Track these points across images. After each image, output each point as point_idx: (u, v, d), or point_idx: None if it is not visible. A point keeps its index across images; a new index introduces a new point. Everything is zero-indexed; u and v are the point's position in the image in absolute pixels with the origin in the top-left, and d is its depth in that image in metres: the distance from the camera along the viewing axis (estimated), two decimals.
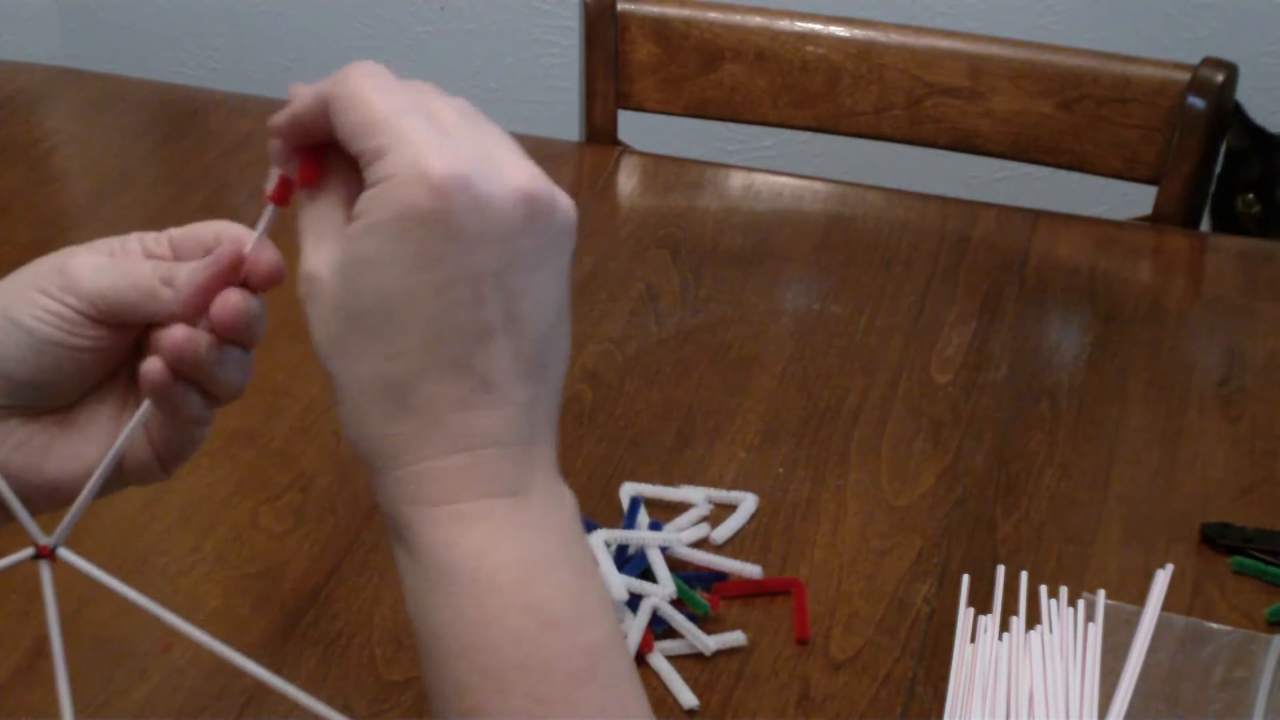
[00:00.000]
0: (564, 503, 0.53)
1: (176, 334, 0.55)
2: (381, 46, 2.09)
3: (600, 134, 1.33)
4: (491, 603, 0.49)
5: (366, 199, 0.50)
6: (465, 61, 2.06)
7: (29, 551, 0.54)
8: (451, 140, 0.50)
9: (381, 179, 0.49)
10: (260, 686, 0.79)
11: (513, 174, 0.51)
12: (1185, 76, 1.19)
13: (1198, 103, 1.19)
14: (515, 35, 2.03)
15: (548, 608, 0.50)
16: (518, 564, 0.50)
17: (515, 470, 0.51)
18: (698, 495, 0.91)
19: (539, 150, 1.46)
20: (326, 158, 0.54)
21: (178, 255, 0.58)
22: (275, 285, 0.56)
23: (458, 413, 0.50)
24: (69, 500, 0.56)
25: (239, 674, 0.80)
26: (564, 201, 0.53)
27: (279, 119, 0.54)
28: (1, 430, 0.57)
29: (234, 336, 0.56)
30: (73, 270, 0.56)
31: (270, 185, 0.55)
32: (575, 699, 0.49)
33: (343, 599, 0.85)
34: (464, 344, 0.50)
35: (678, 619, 0.82)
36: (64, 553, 0.55)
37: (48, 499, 0.58)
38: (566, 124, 1.41)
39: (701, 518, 0.90)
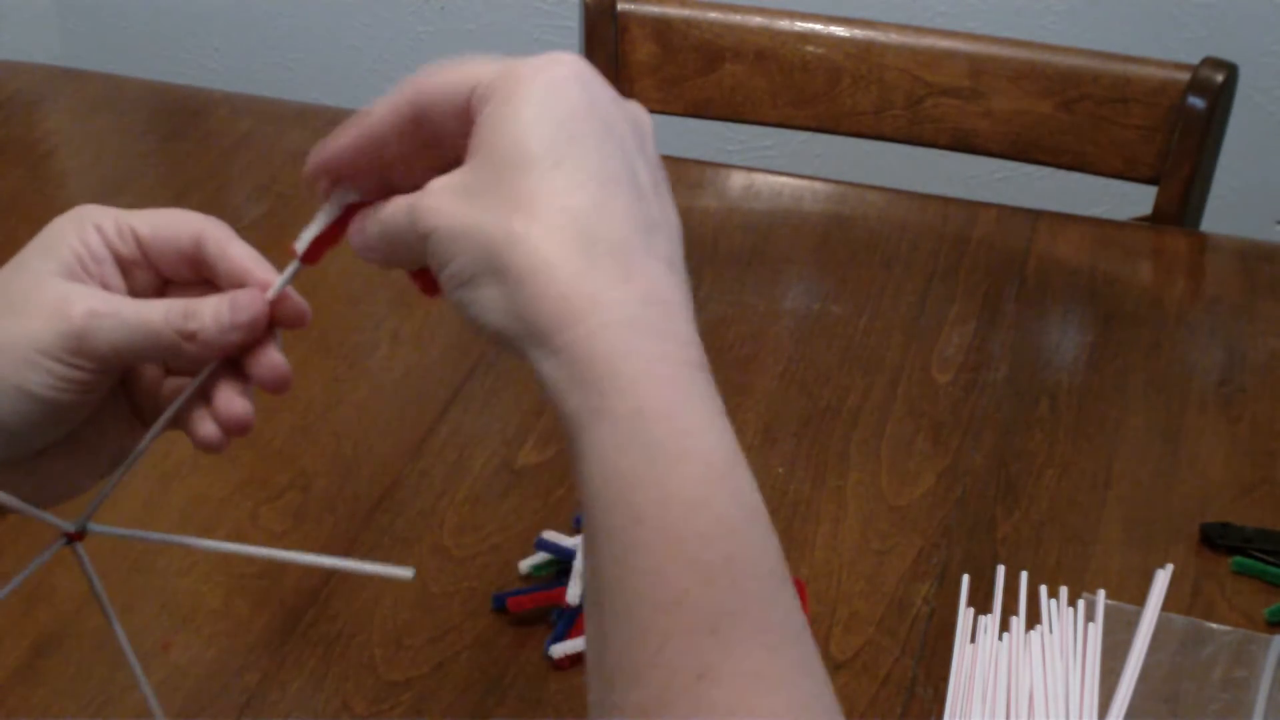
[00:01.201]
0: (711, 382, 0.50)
1: (241, 412, 0.55)
2: (381, 46, 2.09)
3: None
4: (704, 486, 0.46)
5: (507, 91, 0.49)
6: None
7: (61, 541, 0.55)
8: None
9: (517, 76, 0.49)
10: (261, 686, 0.80)
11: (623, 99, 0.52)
12: (1185, 76, 1.19)
13: (1198, 103, 1.19)
14: (515, 35, 2.03)
15: (750, 500, 0.47)
16: (725, 448, 0.47)
17: (696, 338, 0.49)
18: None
19: None
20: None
21: (151, 259, 0.56)
22: (299, 328, 0.56)
23: (646, 259, 0.48)
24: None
25: (239, 674, 0.80)
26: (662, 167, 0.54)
27: (333, 151, 0.53)
28: (18, 473, 0.56)
29: (265, 388, 0.56)
30: (82, 331, 0.53)
31: (301, 244, 0.55)
32: (775, 598, 0.46)
33: (343, 599, 0.85)
34: (631, 189, 0.49)
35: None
36: (93, 526, 0.55)
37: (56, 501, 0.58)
38: None
39: None
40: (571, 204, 0.48)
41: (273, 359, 0.56)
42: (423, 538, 0.89)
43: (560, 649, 0.81)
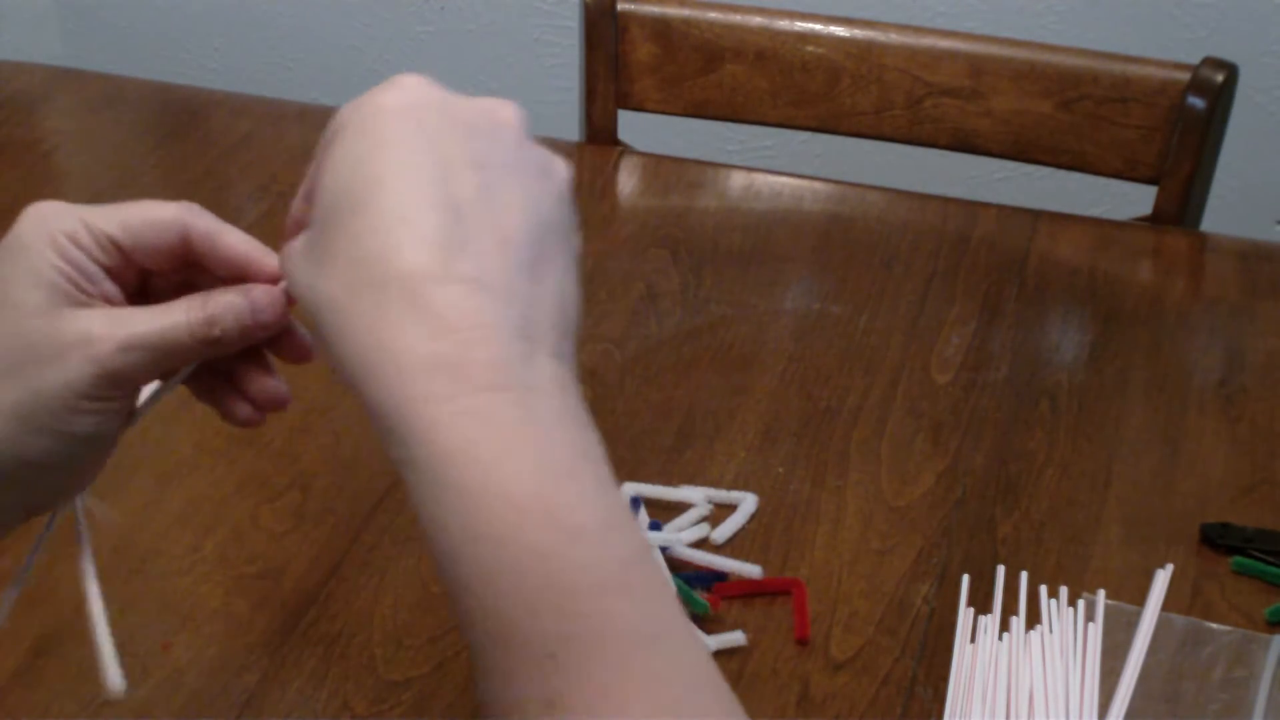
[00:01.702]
0: (581, 409, 0.48)
1: (279, 392, 0.57)
2: (381, 46, 2.09)
3: (600, 134, 1.33)
4: (508, 517, 0.45)
5: (330, 139, 0.50)
6: (465, 61, 2.06)
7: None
8: (404, 80, 0.52)
9: (335, 122, 0.50)
10: (261, 686, 0.80)
11: (483, 100, 0.51)
12: (1185, 76, 1.19)
13: (1198, 103, 1.19)
14: (515, 35, 2.03)
15: (571, 519, 0.45)
16: (534, 469, 0.45)
17: (513, 358, 0.46)
18: (698, 495, 0.91)
19: None
20: None
21: (135, 261, 0.55)
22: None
23: (438, 285, 0.46)
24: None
25: (239, 674, 0.80)
26: (549, 155, 0.52)
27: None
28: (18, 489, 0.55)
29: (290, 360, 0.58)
30: (116, 368, 0.52)
31: None
32: (609, 613, 0.45)
33: (343, 599, 0.85)
34: (438, 216, 0.47)
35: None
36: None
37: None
38: (566, 124, 1.41)
39: (701, 518, 0.90)
40: (364, 251, 0.47)
41: (294, 337, 0.56)
42: (423, 538, 0.89)
43: None
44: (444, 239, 0.47)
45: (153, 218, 0.55)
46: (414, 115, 0.49)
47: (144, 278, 0.56)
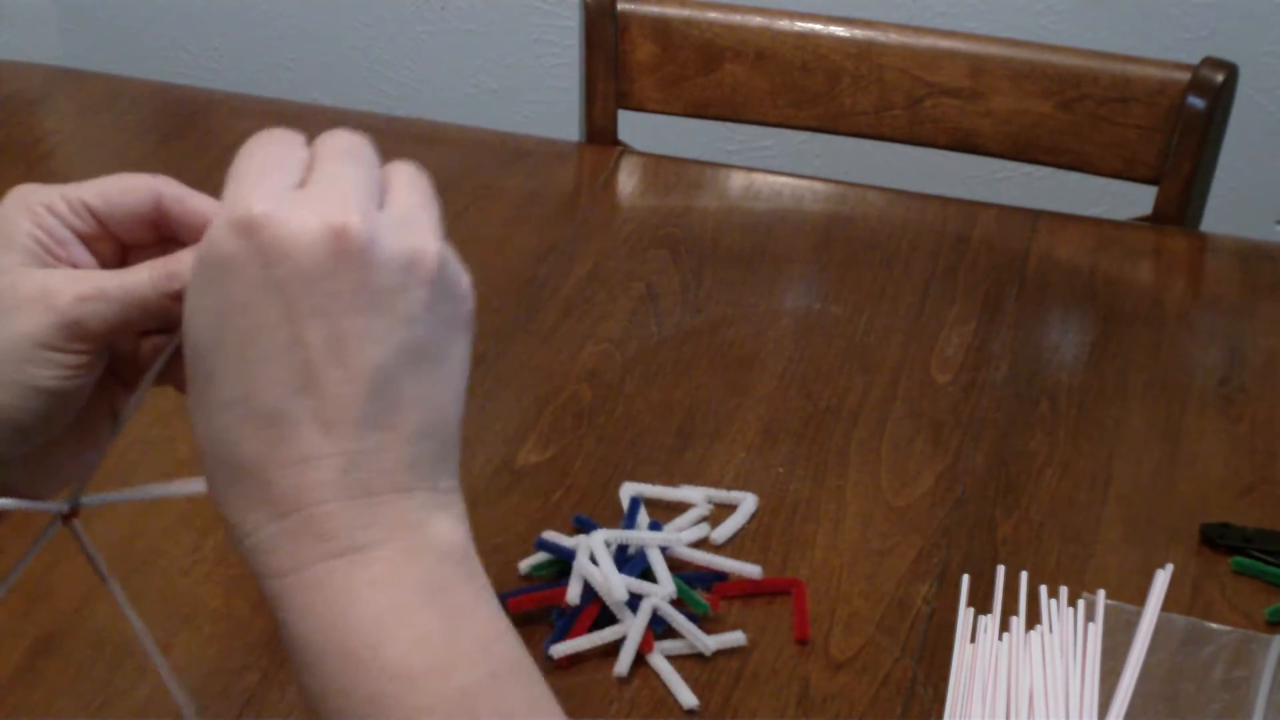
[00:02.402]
0: (432, 543, 0.49)
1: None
2: (381, 46, 2.09)
3: (600, 134, 1.33)
4: (349, 672, 0.47)
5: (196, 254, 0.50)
6: (465, 61, 2.06)
7: (56, 522, 0.55)
8: (310, 190, 0.49)
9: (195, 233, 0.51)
10: (261, 686, 0.80)
11: (328, 210, 0.48)
12: (1185, 76, 1.19)
13: (1198, 103, 1.19)
14: (515, 35, 2.03)
15: (404, 664, 0.47)
16: (369, 626, 0.48)
17: (351, 526, 0.48)
18: (698, 495, 0.91)
19: (539, 150, 1.46)
20: None
21: (111, 230, 0.55)
22: None
23: (282, 469, 0.48)
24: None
25: (239, 674, 0.80)
26: (389, 244, 0.49)
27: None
28: (26, 469, 0.56)
29: None
30: (75, 318, 0.52)
31: None
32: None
33: None
34: (280, 393, 0.48)
35: (678, 619, 0.82)
36: (85, 499, 0.55)
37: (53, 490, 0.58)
38: (566, 124, 1.41)
39: (701, 518, 0.90)
40: (216, 428, 0.49)
41: None
42: None
43: (560, 649, 0.81)
44: (287, 414, 0.48)
45: (126, 182, 0.55)
46: (247, 269, 0.47)
47: (123, 253, 0.57)
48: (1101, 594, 0.84)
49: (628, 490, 0.91)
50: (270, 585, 0.49)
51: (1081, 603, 0.84)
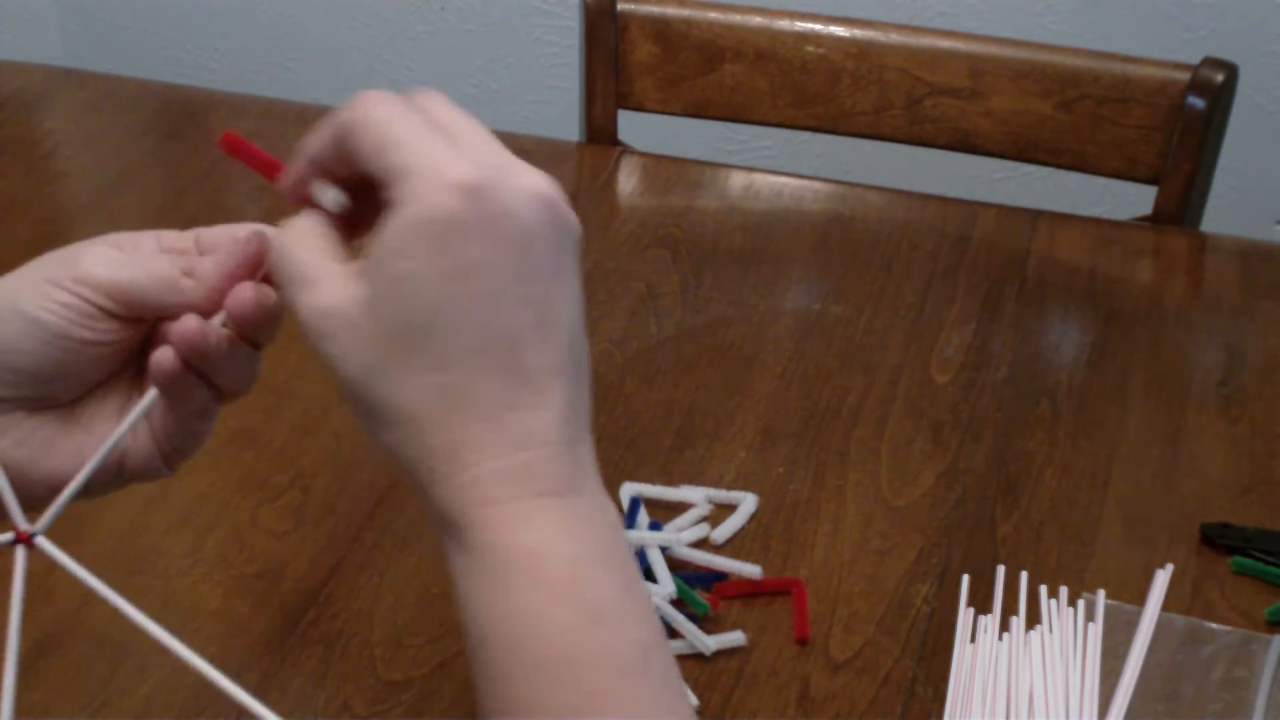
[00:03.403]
0: (608, 505, 0.53)
1: (189, 324, 0.55)
2: (381, 46, 2.09)
3: (600, 134, 1.33)
4: (544, 598, 0.49)
5: (397, 219, 0.50)
6: (465, 61, 2.06)
7: (9, 535, 0.53)
8: (468, 152, 0.52)
9: (408, 196, 0.50)
10: (261, 686, 0.80)
11: (529, 180, 0.52)
12: (1185, 76, 1.19)
13: (1198, 103, 1.19)
14: (515, 35, 2.03)
15: (597, 604, 0.50)
16: (570, 562, 0.50)
17: (565, 470, 0.51)
18: (698, 495, 0.91)
19: (539, 150, 1.46)
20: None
21: (204, 251, 0.58)
22: None
23: (510, 413, 0.51)
24: None
25: (239, 674, 0.80)
26: (569, 208, 0.54)
27: (295, 170, 0.58)
28: (4, 422, 0.57)
29: (248, 331, 0.57)
30: (86, 262, 0.56)
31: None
32: (624, 693, 0.49)
33: (343, 599, 0.85)
34: (509, 346, 0.51)
35: (678, 619, 0.82)
36: (42, 541, 0.53)
37: (46, 494, 0.57)
38: (566, 124, 1.41)
39: (701, 518, 0.90)
40: (446, 378, 0.50)
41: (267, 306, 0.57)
42: (423, 537, 0.89)
43: None
44: (517, 373, 0.51)
45: (239, 225, 0.61)
46: (491, 230, 0.51)
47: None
48: (1101, 594, 0.84)
49: (628, 490, 0.91)
50: (476, 513, 0.50)
51: (1081, 603, 0.84)
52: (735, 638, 0.82)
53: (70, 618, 0.83)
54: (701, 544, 0.89)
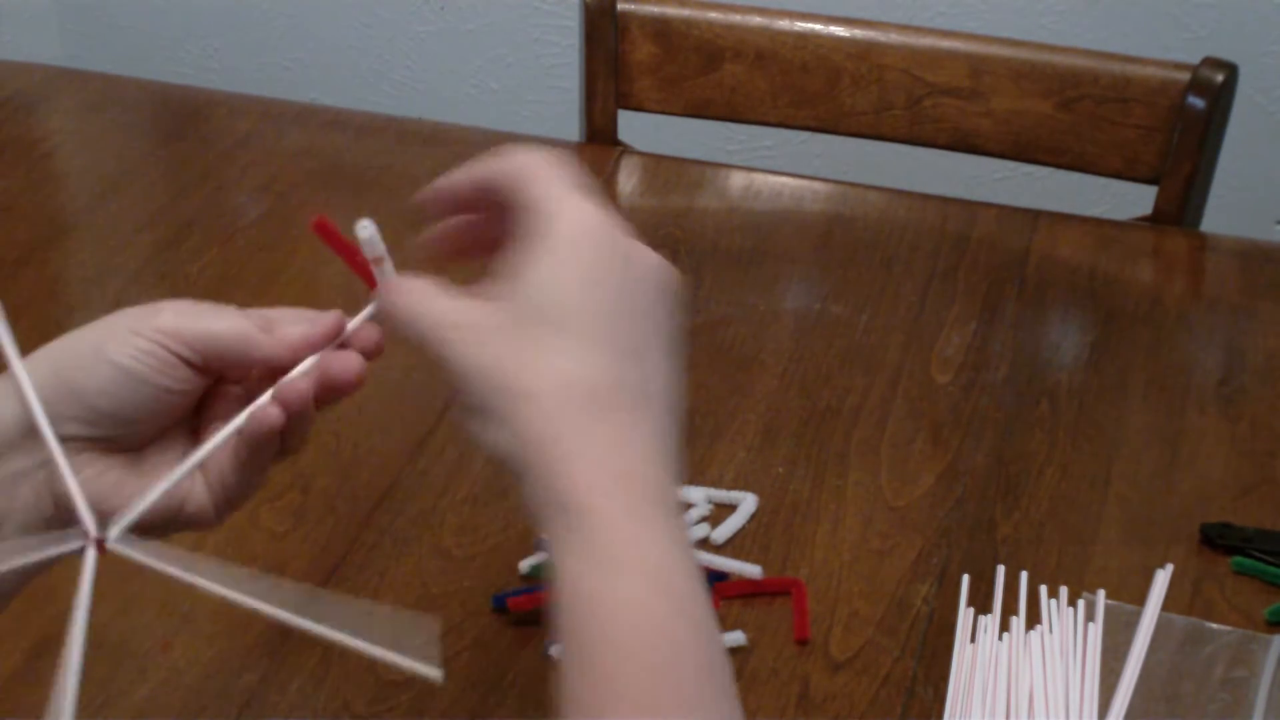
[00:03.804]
0: (687, 531, 0.59)
1: (302, 385, 0.60)
2: (381, 46, 2.09)
3: (600, 134, 1.33)
4: (642, 586, 0.53)
5: (546, 231, 0.56)
6: (465, 61, 2.06)
7: (80, 543, 0.57)
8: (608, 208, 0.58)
9: (557, 219, 0.56)
10: (261, 686, 0.80)
11: (652, 252, 0.59)
12: (1185, 76, 1.19)
13: (1198, 103, 1.19)
14: (515, 35, 2.03)
15: (681, 603, 0.53)
16: (666, 563, 0.54)
17: (668, 482, 0.56)
18: (698, 495, 0.91)
19: None
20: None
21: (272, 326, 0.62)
22: (373, 358, 0.63)
23: (633, 417, 0.55)
24: None
25: (239, 674, 0.80)
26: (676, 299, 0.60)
27: (439, 194, 0.64)
28: (79, 461, 0.60)
29: (333, 396, 0.62)
30: (168, 313, 0.60)
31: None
32: (698, 691, 0.52)
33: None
34: (635, 356, 0.56)
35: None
36: (116, 545, 0.57)
37: None
38: (566, 124, 1.41)
39: (701, 518, 0.90)
40: (572, 375, 0.55)
41: (347, 359, 0.62)
42: (423, 538, 0.89)
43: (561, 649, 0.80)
44: (639, 383, 0.56)
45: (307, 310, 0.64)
46: (618, 251, 0.57)
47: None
48: (1101, 594, 0.84)
49: None
50: (601, 502, 0.53)
51: (1081, 603, 0.84)
52: (735, 638, 0.82)
53: (70, 618, 0.83)
54: (701, 544, 0.89)
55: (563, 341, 0.55)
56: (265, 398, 0.60)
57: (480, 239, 0.64)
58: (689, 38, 1.30)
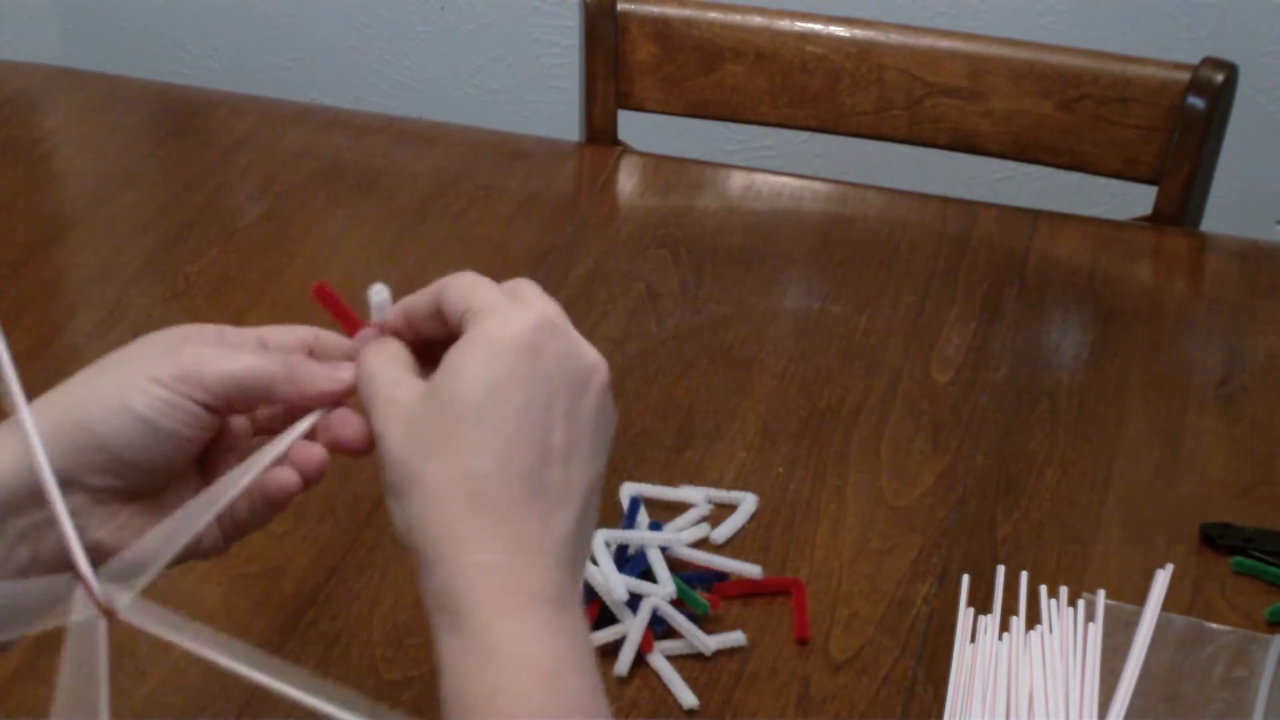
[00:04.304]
0: (587, 626, 0.58)
1: (319, 453, 0.63)
2: (381, 46, 2.09)
3: (600, 134, 1.33)
4: (528, 683, 0.53)
5: (467, 334, 0.58)
6: (465, 61, 2.06)
7: (92, 614, 0.55)
8: (540, 307, 0.60)
9: (481, 322, 0.58)
10: (261, 686, 0.80)
11: (588, 349, 0.60)
12: (1185, 76, 1.19)
13: (1198, 103, 1.19)
14: (515, 35, 2.03)
15: (574, 700, 0.54)
16: (555, 659, 0.55)
17: (562, 581, 0.56)
18: (698, 495, 0.91)
19: (539, 150, 1.45)
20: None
21: (269, 347, 0.64)
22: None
23: (520, 515, 0.56)
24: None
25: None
26: (609, 400, 0.61)
27: (393, 316, 0.63)
28: (105, 513, 0.60)
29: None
30: (188, 359, 0.61)
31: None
32: None
33: (343, 599, 0.85)
34: (535, 456, 0.57)
35: (678, 619, 0.82)
36: (127, 614, 0.56)
37: None
38: (566, 124, 1.41)
39: (701, 518, 0.90)
40: (473, 466, 0.56)
41: (349, 425, 0.63)
42: None
43: None
44: (534, 482, 0.56)
45: (301, 326, 0.66)
46: (541, 356, 0.58)
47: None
48: (1101, 594, 0.84)
49: (628, 490, 0.91)
50: (475, 597, 0.54)
51: (1081, 603, 0.84)
52: (735, 638, 0.82)
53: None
54: (701, 544, 0.89)
55: (461, 436, 0.56)
56: (283, 445, 0.62)
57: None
58: (689, 38, 1.30)
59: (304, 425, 0.63)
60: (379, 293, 0.63)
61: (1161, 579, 0.86)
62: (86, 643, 0.55)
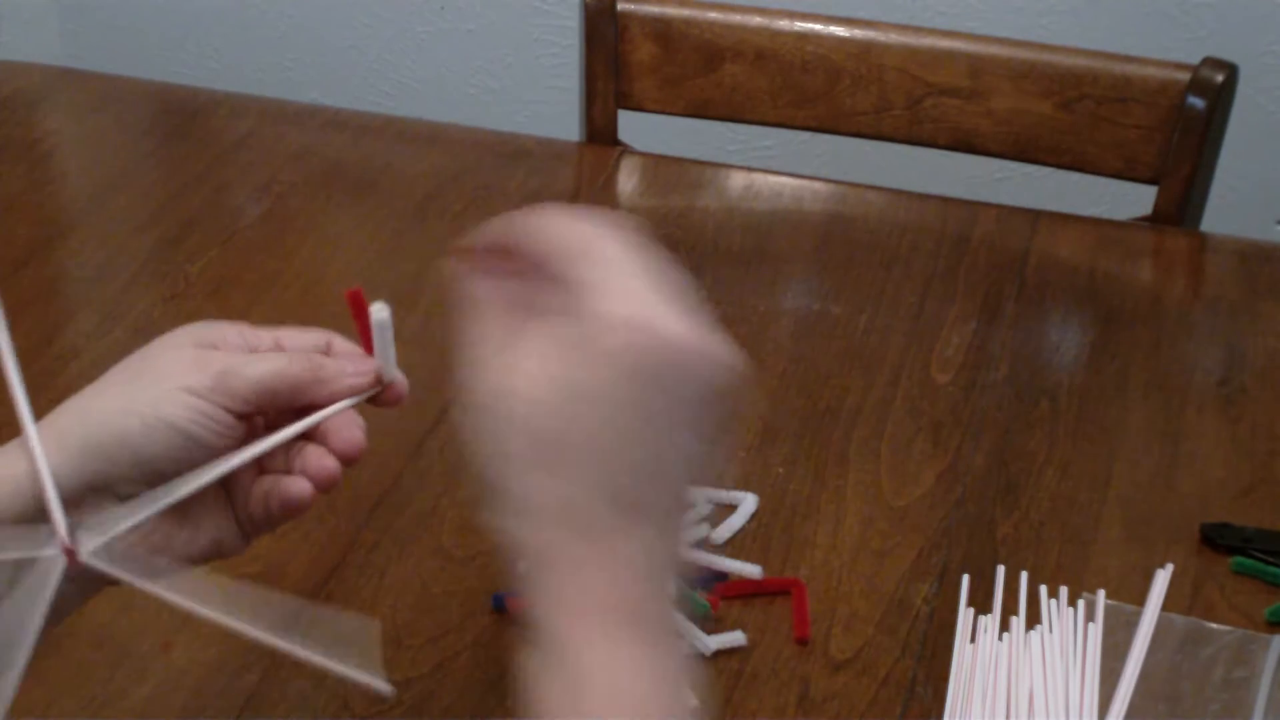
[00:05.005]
0: (676, 645, 0.57)
1: (332, 465, 0.63)
2: (381, 46, 2.09)
3: (600, 134, 1.33)
4: (611, 710, 0.53)
5: (592, 335, 0.54)
6: (465, 61, 2.06)
7: (56, 554, 0.56)
8: (657, 288, 0.55)
9: (604, 314, 0.54)
10: (260, 686, 0.80)
11: (715, 345, 0.56)
12: (1185, 76, 1.19)
13: (1198, 103, 1.19)
14: (515, 35, 2.03)
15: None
16: (637, 680, 0.54)
17: (653, 608, 0.56)
18: (697, 495, 0.91)
19: (539, 150, 1.45)
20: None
21: (283, 347, 0.65)
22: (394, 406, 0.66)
23: (621, 540, 0.55)
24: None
25: (239, 674, 0.80)
26: (738, 377, 0.57)
27: (476, 249, 0.63)
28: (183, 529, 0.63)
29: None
30: (217, 366, 0.61)
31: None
32: None
33: (343, 599, 0.85)
34: (638, 482, 0.55)
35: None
36: (89, 557, 0.57)
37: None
38: (566, 124, 1.41)
39: (701, 518, 0.90)
40: (562, 493, 0.54)
41: (354, 432, 0.64)
42: (423, 538, 0.89)
43: None
44: (637, 500, 0.55)
45: (315, 330, 0.66)
46: (665, 382, 0.54)
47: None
48: (1101, 594, 0.84)
49: None
50: (566, 616, 0.55)
51: (1081, 603, 0.84)
52: (735, 638, 0.82)
53: (70, 618, 0.83)
54: (701, 544, 0.89)
55: (572, 467, 0.55)
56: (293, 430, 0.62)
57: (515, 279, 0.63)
58: (689, 38, 1.30)
59: (306, 423, 0.63)
60: (379, 311, 0.63)
61: (1161, 579, 0.86)
62: (41, 580, 0.56)
